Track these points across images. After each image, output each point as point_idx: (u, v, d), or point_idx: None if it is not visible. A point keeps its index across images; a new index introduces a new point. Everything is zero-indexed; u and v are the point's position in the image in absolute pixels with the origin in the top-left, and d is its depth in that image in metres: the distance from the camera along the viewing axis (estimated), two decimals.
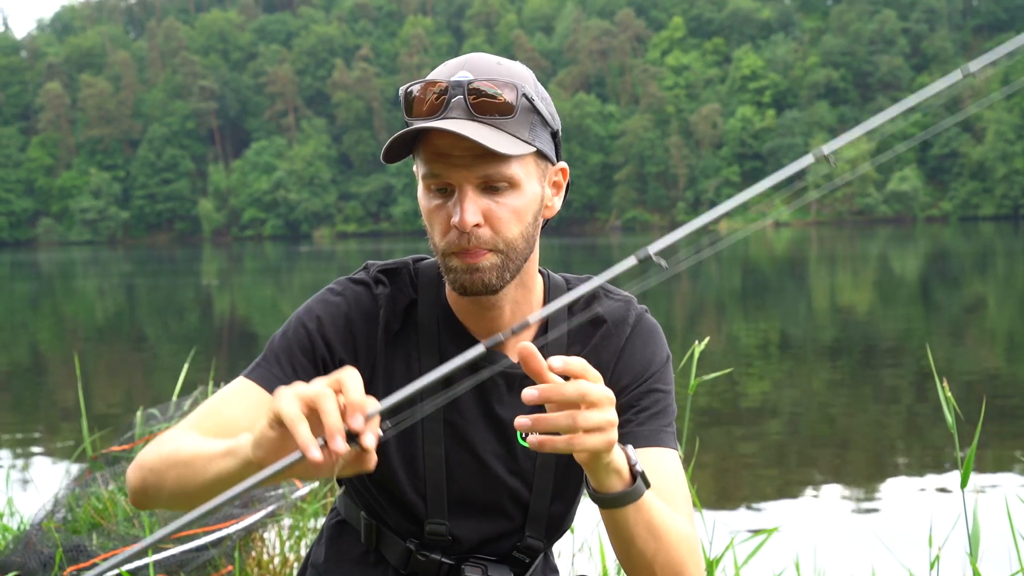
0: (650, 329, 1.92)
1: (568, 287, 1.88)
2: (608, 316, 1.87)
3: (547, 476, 1.82)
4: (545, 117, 1.74)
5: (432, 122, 1.65)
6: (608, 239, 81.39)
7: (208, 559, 4.00)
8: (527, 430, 1.50)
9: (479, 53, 1.79)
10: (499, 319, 1.81)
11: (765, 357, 14.87)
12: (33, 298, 34.59)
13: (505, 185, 1.69)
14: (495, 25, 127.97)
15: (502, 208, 1.70)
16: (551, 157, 1.77)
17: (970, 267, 34.45)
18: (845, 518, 6.96)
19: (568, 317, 1.84)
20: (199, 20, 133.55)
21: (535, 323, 1.69)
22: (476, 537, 1.85)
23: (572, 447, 1.49)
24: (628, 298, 1.92)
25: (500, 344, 1.70)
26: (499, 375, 1.79)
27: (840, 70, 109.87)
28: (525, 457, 1.82)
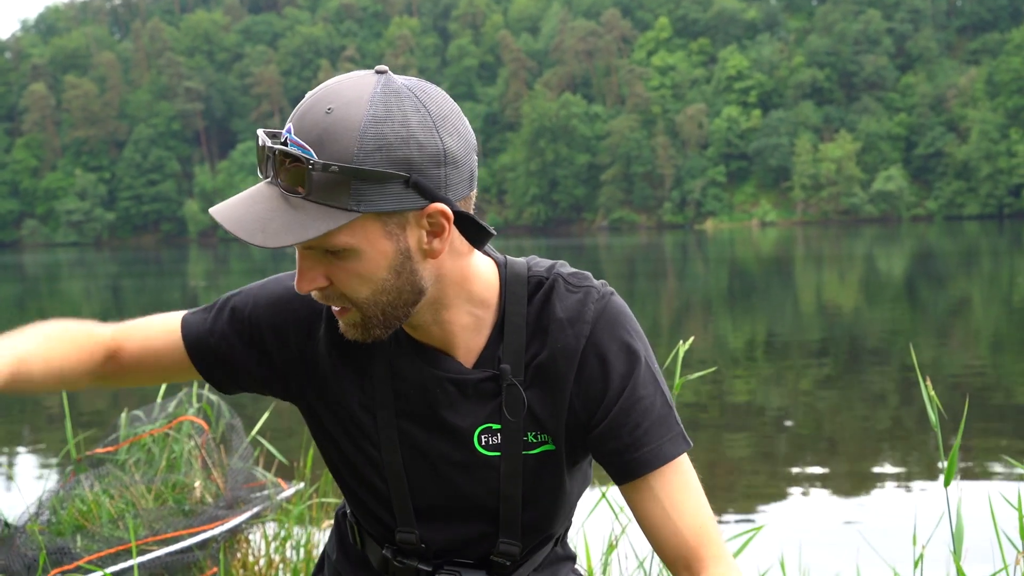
0: (614, 322, 1.69)
1: (528, 276, 1.71)
2: (564, 313, 1.68)
3: (514, 483, 1.72)
4: (384, 171, 1.48)
5: (238, 196, 1.56)
6: (595, 239, 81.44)
7: (193, 561, 3.99)
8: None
9: (336, 81, 1.55)
10: (432, 336, 1.69)
11: (751, 356, 14.90)
12: (18, 300, 34.49)
13: (339, 252, 1.53)
14: (481, 26, 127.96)
15: (341, 272, 1.55)
16: (406, 207, 1.51)
17: (955, 266, 34.56)
18: (830, 516, 6.98)
19: (526, 312, 1.69)
20: (184, 21, 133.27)
21: (491, 324, 1.69)
22: (448, 543, 1.79)
23: None
24: (587, 288, 1.71)
25: (450, 348, 1.69)
26: (449, 381, 1.69)
27: (825, 70, 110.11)
28: (485, 465, 1.72)
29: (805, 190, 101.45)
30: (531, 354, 1.68)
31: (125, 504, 4.61)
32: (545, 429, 1.71)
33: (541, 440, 1.71)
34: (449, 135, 1.52)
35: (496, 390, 1.69)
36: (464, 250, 1.63)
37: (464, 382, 1.69)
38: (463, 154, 1.55)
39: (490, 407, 1.70)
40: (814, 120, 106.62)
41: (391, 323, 1.61)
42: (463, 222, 1.57)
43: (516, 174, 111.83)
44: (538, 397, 1.69)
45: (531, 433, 1.70)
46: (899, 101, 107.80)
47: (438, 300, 1.64)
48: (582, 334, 1.67)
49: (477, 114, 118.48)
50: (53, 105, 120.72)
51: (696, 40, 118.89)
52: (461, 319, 1.67)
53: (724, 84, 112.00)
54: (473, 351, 1.70)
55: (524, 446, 1.71)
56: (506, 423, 1.69)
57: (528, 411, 1.69)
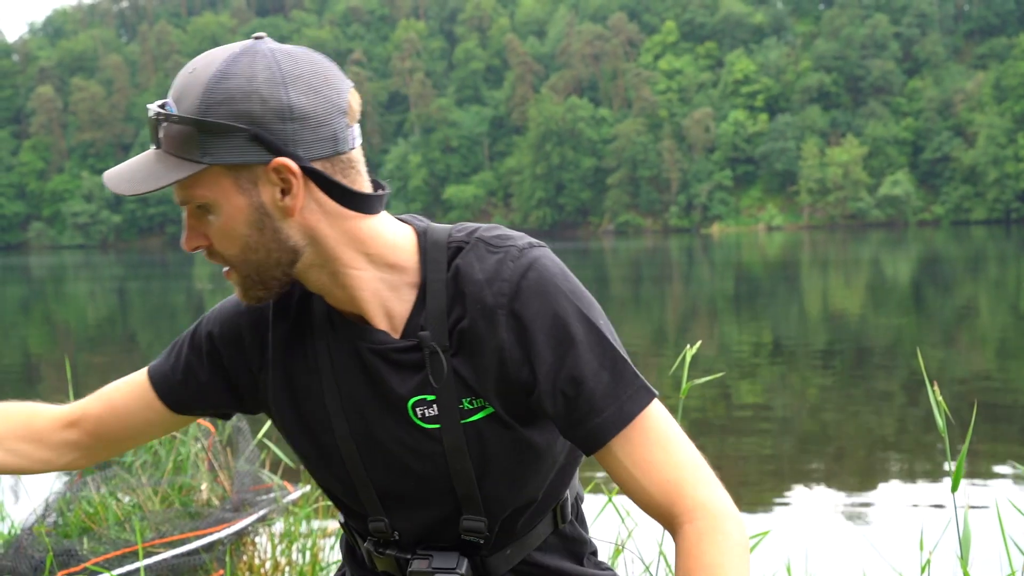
0: (538, 280, 1.63)
1: (448, 242, 1.68)
2: (482, 274, 1.63)
3: (460, 454, 1.67)
4: (226, 123, 1.52)
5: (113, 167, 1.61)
6: (601, 243, 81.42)
7: (199, 563, 4.00)
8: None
9: (208, 54, 1.60)
10: (355, 301, 1.67)
11: (757, 361, 14.89)
12: (24, 302, 34.55)
13: (205, 207, 1.59)
14: (488, 29, 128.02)
15: (211, 229, 1.60)
16: (252, 160, 1.55)
17: (962, 271, 34.51)
18: (836, 522, 6.96)
19: (446, 277, 1.65)
20: (191, 24, 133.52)
21: (414, 292, 1.67)
22: (416, 528, 1.76)
23: None
24: (507, 247, 1.65)
25: (366, 317, 1.68)
26: (375, 353, 1.67)
27: (832, 74, 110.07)
28: (427, 439, 1.68)
29: (812, 194, 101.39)
30: (453, 319, 1.64)
31: (132, 506, 4.62)
32: (478, 394, 1.66)
33: (477, 405, 1.67)
34: (301, 93, 1.54)
35: (421, 360, 1.66)
36: (344, 212, 1.62)
37: (388, 352, 1.67)
38: (318, 113, 1.56)
39: (419, 377, 1.67)
40: (821, 124, 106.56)
41: (269, 284, 1.64)
42: (321, 182, 1.58)
43: (522, 177, 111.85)
44: (466, 362, 1.65)
45: (466, 400, 1.66)
46: (906, 106, 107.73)
47: (329, 262, 1.63)
48: (501, 293, 1.62)
49: (483, 117, 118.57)
50: (60, 108, 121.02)
51: (703, 44, 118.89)
52: (369, 284, 1.66)
53: (731, 88, 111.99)
54: (398, 320, 1.67)
55: (461, 414, 1.66)
56: (439, 392, 1.66)
57: (457, 377, 1.65)
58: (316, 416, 1.74)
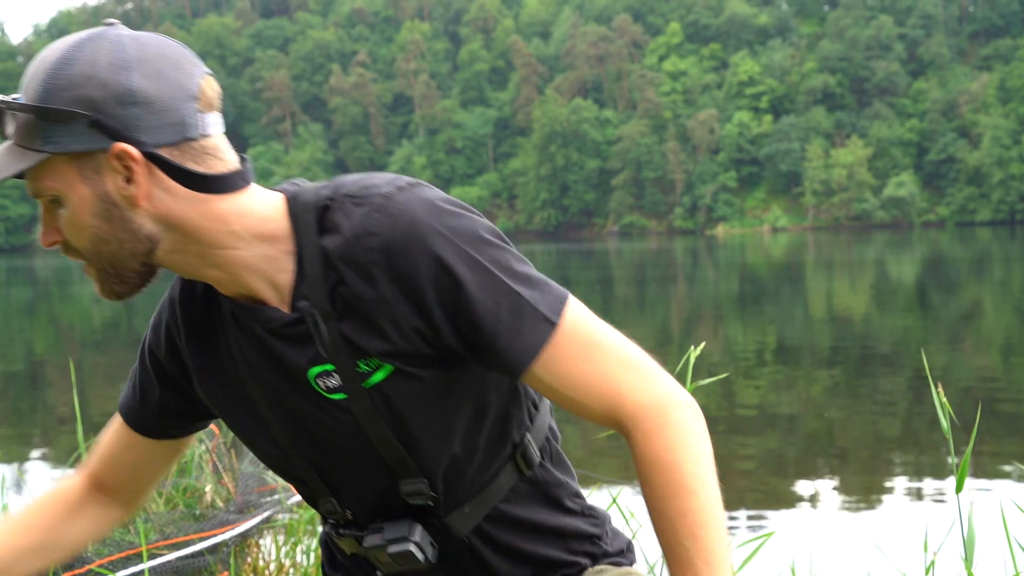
0: (409, 223, 1.54)
1: (317, 200, 1.59)
2: (350, 230, 1.55)
3: (373, 420, 1.60)
4: (66, 109, 1.48)
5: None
6: (605, 244, 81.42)
7: (204, 565, 4.00)
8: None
9: (58, 41, 1.55)
10: (234, 283, 1.61)
11: (761, 362, 14.88)
12: (29, 304, 34.59)
13: (57, 200, 1.53)
14: (492, 30, 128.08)
15: (62, 223, 1.54)
16: (93, 148, 1.50)
17: (966, 272, 34.49)
18: (841, 523, 6.96)
19: (318, 240, 1.57)
20: (196, 25, 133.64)
21: (292, 266, 1.58)
22: (364, 503, 1.70)
23: None
24: (370, 196, 1.56)
25: (257, 294, 1.61)
26: (266, 332, 1.61)
27: (837, 75, 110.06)
28: (337, 410, 1.61)
29: (816, 196, 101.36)
30: (331, 283, 1.56)
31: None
32: (372, 353, 1.57)
33: (374, 366, 1.58)
34: (145, 77, 1.49)
35: (309, 330, 1.59)
36: (199, 196, 1.54)
37: (279, 329, 1.60)
38: (165, 98, 1.50)
39: (312, 349, 1.59)
40: (825, 126, 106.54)
41: (126, 276, 1.58)
42: (165, 167, 1.51)
43: (527, 179, 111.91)
44: (354, 324, 1.57)
45: (361, 362, 1.58)
46: (911, 107, 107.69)
47: (194, 246, 1.56)
48: (372, 249, 1.54)
49: (488, 119, 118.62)
50: None
51: (707, 45, 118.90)
52: (245, 262, 1.58)
53: (735, 89, 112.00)
54: (284, 293, 1.60)
55: (361, 378, 1.58)
56: (334, 360, 1.58)
57: (347, 341, 1.57)
58: (246, 407, 1.69)
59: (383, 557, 1.67)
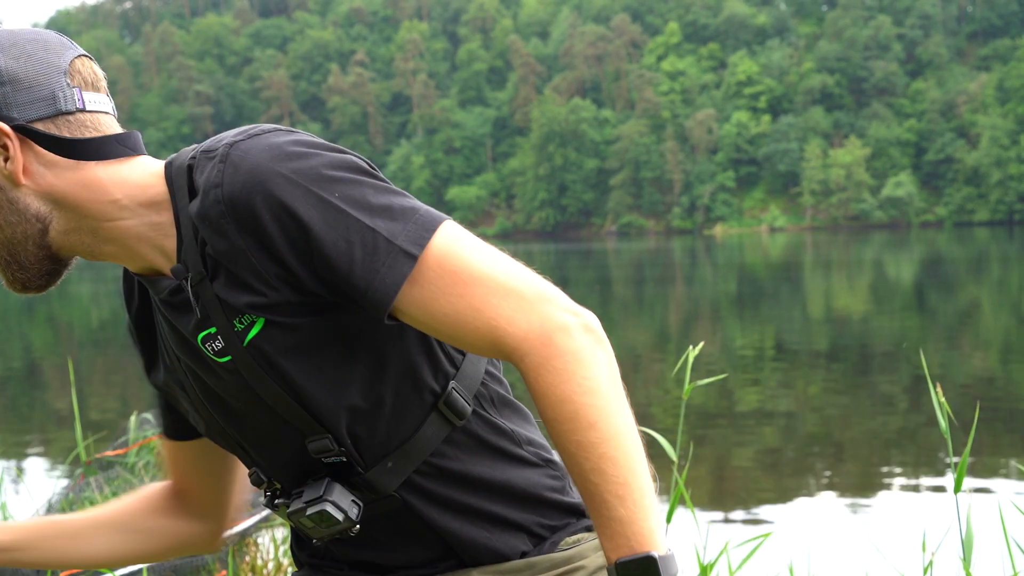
0: (249, 170, 1.47)
1: (188, 163, 1.53)
2: (203, 186, 1.49)
3: (259, 378, 1.53)
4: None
5: None
6: (604, 244, 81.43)
7: (202, 564, 4.00)
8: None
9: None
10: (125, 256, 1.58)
11: (760, 362, 14.88)
12: (27, 304, 34.55)
13: None
14: (491, 30, 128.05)
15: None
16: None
17: (965, 272, 34.50)
18: (839, 523, 6.96)
19: (189, 200, 1.51)
20: (194, 25, 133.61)
21: (175, 230, 1.54)
22: (282, 468, 1.63)
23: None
24: (219, 148, 1.49)
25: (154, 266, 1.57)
26: (161, 304, 1.58)
27: (835, 75, 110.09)
28: (228, 373, 1.55)
29: (814, 196, 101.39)
30: (201, 242, 1.50)
31: None
32: (241, 309, 1.50)
33: (247, 322, 1.51)
34: (12, 58, 1.48)
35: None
36: (76, 164, 1.51)
37: (169, 298, 1.56)
38: (31, 75, 1.48)
39: (194, 313, 1.54)
40: (824, 126, 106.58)
41: (27, 263, 1.54)
42: (36, 137, 1.48)
43: (525, 179, 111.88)
44: (222, 283, 1.51)
45: (235, 320, 1.51)
46: (909, 107, 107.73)
47: (83, 220, 1.53)
48: (218, 201, 1.46)
49: (486, 118, 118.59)
50: None
51: (706, 45, 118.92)
52: (133, 231, 1.54)
53: (734, 89, 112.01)
54: (173, 259, 1.55)
55: (239, 337, 1.51)
56: (213, 322, 1.52)
57: (220, 301, 1.51)
58: (179, 384, 1.65)
59: (306, 522, 1.58)
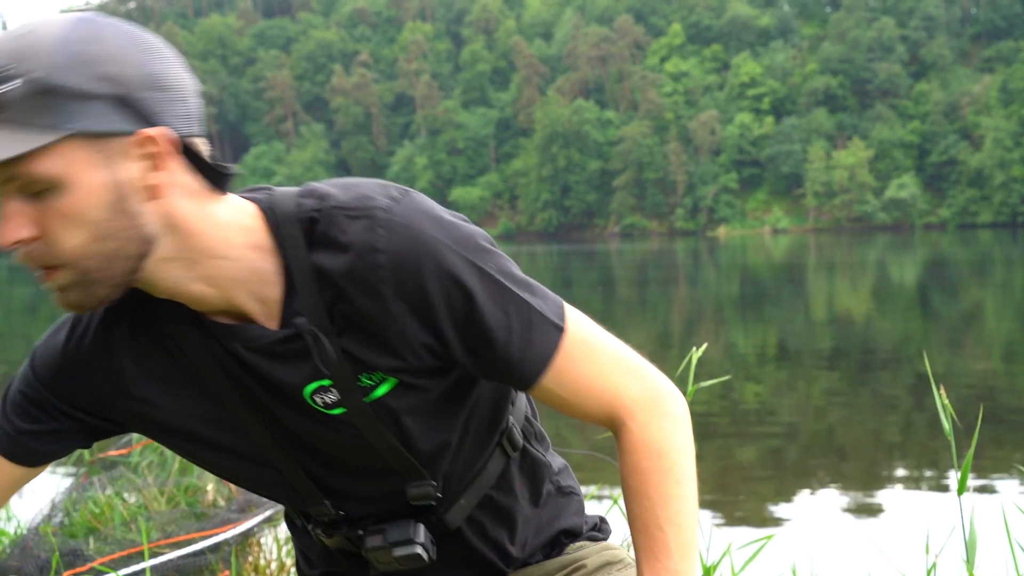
0: (415, 238, 1.46)
1: (300, 211, 1.49)
2: (353, 248, 1.46)
3: (378, 432, 1.55)
4: (87, 87, 1.33)
5: None
6: (607, 245, 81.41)
7: (205, 564, 4.00)
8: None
9: (41, 19, 1.40)
10: (211, 298, 1.49)
11: (763, 364, 14.88)
12: (31, 302, 34.58)
13: (44, 188, 1.34)
14: (494, 31, 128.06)
15: (50, 215, 1.35)
16: (118, 129, 1.36)
17: (968, 275, 34.47)
18: (842, 525, 6.96)
19: (308, 252, 1.48)
20: (198, 25, 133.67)
21: (279, 277, 1.48)
22: (363, 505, 1.64)
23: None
24: (369, 209, 1.47)
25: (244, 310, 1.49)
26: (250, 351, 1.51)
27: (839, 77, 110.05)
28: (338, 425, 1.55)
29: (817, 197, 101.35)
30: (329, 298, 1.48)
31: (138, 507, 4.63)
32: (377, 368, 1.51)
33: (377, 380, 1.52)
34: (160, 63, 1.38)
35: (307, 347, 1.49)
36: (205, 194, 1.44)
37: (270, 347, 1.50)
38: (181, 87, 1.40)
39: (309, 365, 1.50)
40: (827, 127, 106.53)
41: (116, 279, 1.42)
42: (192, 157, 1.41)
43: (528, 179, 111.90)
44: (356, 340, 1.49)
45: (363, 376, 1.51)
46: (912, 109, 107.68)
47: (189, 252, 1.44)
48: (380, 266, 1.45)
49: (490, 119, 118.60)
50: None
51: (709, 47, 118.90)
52: (234, 272, 1.47)
53: (737, 91, 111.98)
54: (273, 308, 1.50)
55: (363, 392, 1.52)
56: (333, 376, 1.50)
57: (349, 357, 1.50)
58: (225, 428, 1.58)
59: (385, 558, 1.64)
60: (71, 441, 1.63)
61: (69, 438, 1.63)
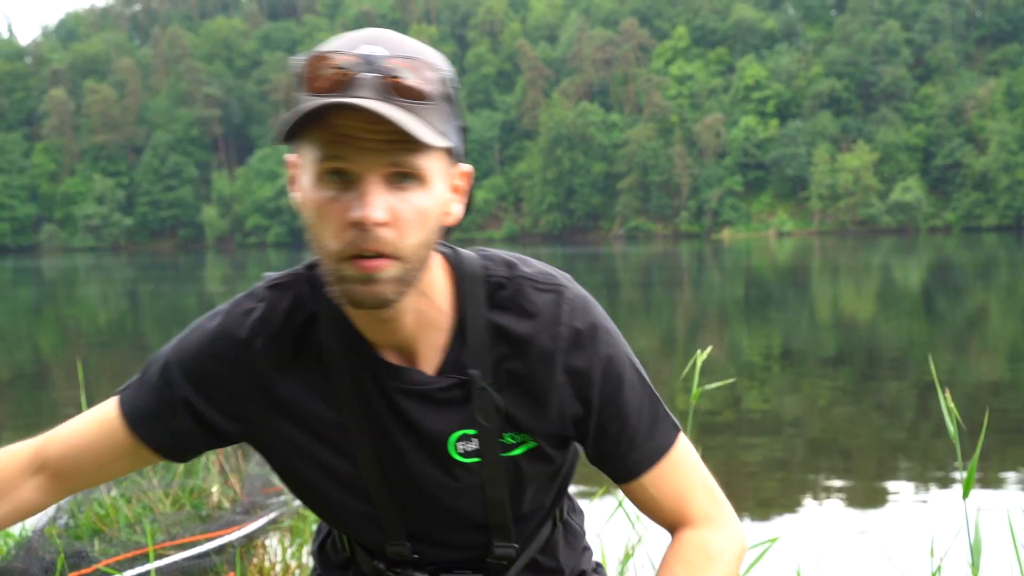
0: (592, 323, 1.62)
1: (486, 276, 1.63)
2: (538, 317, 1.60)
3: (498, 487, 1.65)
4: (458, 109, 1.51)
5: (334, 99, 1.41)
6: (611, 248, 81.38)
7: (210, 566, 4.00)
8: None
9: (384, 29, 1.56)
10: (399, 331, 1.57)
11: (767, 367, 14.87)
12: (36, 304, 34.62)
13: (413, 180, 1.45)
14: (499, 34, 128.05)
15: (407, 206, 1.45)
16: (458, 156, 1.54)
17: (973, 278, 34.43)
18: (847, 528, 6.95)
19: (488, 311, 1.61)
20: (203, 27, 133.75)
21: (449, 327, 1.60)
22: (441, 553, 1.73)
23: None
24: (557, 287, 1.62)
25: (408, 355, 1.60)
26: (415, 394, 1.60)
27: (843, 80, 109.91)
28: (466, 473, 1.64)
29: (822, 200, 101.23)
30: (498, 357, 1.60)
31: (143, 508, 4.63)
32: (523, 429, 1.63)
33: (519, 440, 1.64)
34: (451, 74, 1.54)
35: (465, 396, 1.60)
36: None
37: (431, 392, 1.60)
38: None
39: (462, 414, 1.61)
40: (832, 130, 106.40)
41: (413, 284, 1.51)
42: (469, 192, 1.59)
43: (533, 182, 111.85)
44: (514, 400, 1.61)
45: (508, 435, 1.63)
46: (917, 112, 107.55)
47: (418, 283, 1.55)
48: (560, 337, 1.60)
49: (494, 122, 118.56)
50: (72, 110, 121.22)
51: (714, 49, 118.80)
52: (425, 310, 1.58)
53: (742, 94, 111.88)
54: (433, 357, 1.61)
55: (503, 448, 1.63)
56: (482, 428, 1.61)
57: (503, 414, 1.61)
58: (339, 453, 1.64)
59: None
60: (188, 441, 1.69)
61: (186, 439, 1.68)
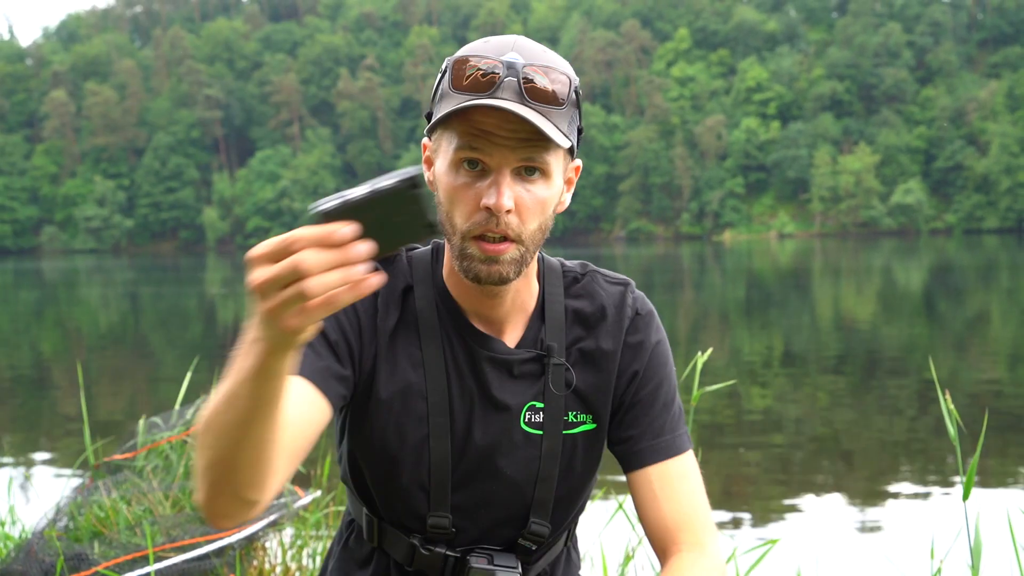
0: (651, 314, 1.90)
1: (563, 270, 1.89)
2: (607, 300, 1.86)
3: (552, 461, 1.81)
4: (580, 112, 1.71)
5: (481, 100, 1.61)
6: (612, 249, 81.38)
7: (210, 568, 4.00)
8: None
9: (524, 37, 1.75)
10: (500, 307, 1.78)
11: (768, 369, 14.87)
12: (36, 306, 34.63)
13: (539, 173, 1.66)
14: (500, 35, 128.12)
15: (531, 196, 1.67)
16: (574, 153, 1.75)
17: (974, 280, 34.43)
18: (847, 530, 6.95)
19: (565, 298, 1.85)
20: (204, 29, 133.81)
21: (532, 308, 1.81)
22: (480, 527, 1.83)
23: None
24: (625, 281, 1.90)
25: (497, 327, 1.79)
26: (498, 362, 1.79)
27: (845, 82, 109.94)
28: (527, 443, 1.80)
29: (823, 202, 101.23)
30: (572, 338, 1.81)
31: (142, 511, 4.62)
32: (587, 409, 1.82)
33: (581, 420, 1.81)
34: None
35: (540, 370, 1.79)
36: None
37: (511, 362, 1.78)
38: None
39: (535, 386, 1.79)
40: (833, 132, 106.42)
41: (525, 266, 1.71)
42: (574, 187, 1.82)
43: None
44: (583, 378, 1.81)
45: (572, 412, 1.80)
46: (919, 114, 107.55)
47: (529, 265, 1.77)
48: (625, 316, 1.85)
49: None
50: (73, 112, 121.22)
51: (716, 51, 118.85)
52: (510, 293, 1.78)
53: (743, 96, 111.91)
54: (516, 333, 1.80)
55: (565, 425, 1.80)
56: (550, 402, 1.79)
57: (573, 390, 1.80)
58: (413, 412, 1.77)
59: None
60: (346, 388, 1.76)
61: (346, 384, 1.76)
